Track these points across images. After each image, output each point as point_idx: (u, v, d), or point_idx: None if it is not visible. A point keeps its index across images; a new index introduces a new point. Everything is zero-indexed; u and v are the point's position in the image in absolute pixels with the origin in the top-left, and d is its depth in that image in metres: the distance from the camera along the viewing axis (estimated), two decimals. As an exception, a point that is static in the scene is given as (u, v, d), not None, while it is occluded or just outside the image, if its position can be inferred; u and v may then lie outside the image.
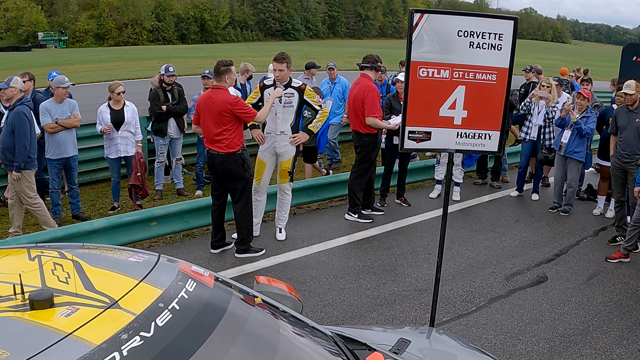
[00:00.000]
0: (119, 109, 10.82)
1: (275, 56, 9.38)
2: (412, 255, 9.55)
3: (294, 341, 3.56)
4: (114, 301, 2.75)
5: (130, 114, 10.93)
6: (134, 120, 11.01)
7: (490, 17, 5.80)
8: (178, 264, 3.37)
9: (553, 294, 8.37)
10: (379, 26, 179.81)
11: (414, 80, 5.75)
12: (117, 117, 10.80)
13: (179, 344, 2.74)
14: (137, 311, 2.74)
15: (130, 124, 10.91)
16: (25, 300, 2.63)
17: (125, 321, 2.65)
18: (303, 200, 11.51)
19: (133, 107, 11.15)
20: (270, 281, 4.27)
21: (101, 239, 8.58)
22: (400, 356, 4.03)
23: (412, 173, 12.99)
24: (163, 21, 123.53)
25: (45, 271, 2.97)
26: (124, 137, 10.87)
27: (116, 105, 10.84)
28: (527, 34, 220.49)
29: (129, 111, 10.93)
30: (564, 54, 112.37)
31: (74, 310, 2.64)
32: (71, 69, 42.76)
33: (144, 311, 2.75)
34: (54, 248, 3.38)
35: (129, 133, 10.92)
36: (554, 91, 12.41)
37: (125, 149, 10.91)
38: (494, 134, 6.04)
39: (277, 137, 9.46)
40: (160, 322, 2.74)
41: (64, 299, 2.70)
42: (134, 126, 11.01)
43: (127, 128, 10.88)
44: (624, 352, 6.90)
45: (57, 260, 3.11)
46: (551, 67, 46.59)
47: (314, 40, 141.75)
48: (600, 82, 19.16)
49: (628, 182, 10.14)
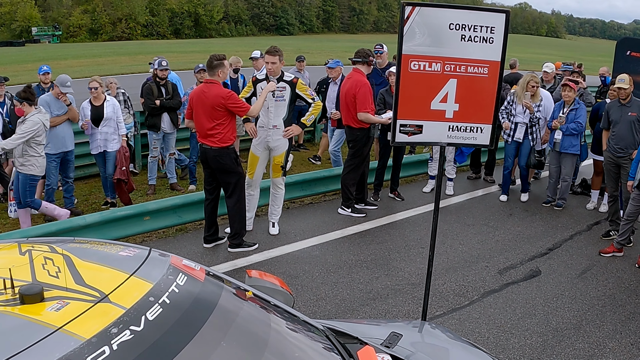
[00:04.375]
0: (98, 105, 10.72)
1: (267, 49, 9.38)
2: (405, 249, 9.55)
3: (285, 335, 3.56)
4: (104, 295, 2.75)
5: (110, 109, 10.81)
6: (115, 116, 10.89)
7: (482, 10, 5.81)
8: (169, 258, 3.37)
9: (546, 288, 8.38)
10: (373, 21, 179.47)
11: (406, 73, 5.74)
12: (96, 113, 10.71)
13: (170, 338, 2.74)
14: (128, 305, 2.73)
15: (110, 120, 10.78)
16: (15, 295, 2.63)
17: (115, 315, 2.64)
18: (296, 195, 11.50)
19: (114, 102, 11.07)
20: (262, 275, 4.26)
21: (94, 233, 8.57)
22: (392, 350, 4.03)
23: (406, 167, 12.98)
24: (157, 16, 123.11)
25: (36, 265, 2.96)
26: (104, 133, 10.77)
27: (96, 101, 10.74)
28: (521, 28, 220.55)
29: (109, 107, 10.81)
30: (559, 49, 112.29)
31: (64, 304, 2.63)
32: (65, 64, 42.66)
33: (134, 305, 2.75)
34: (45, 242, 3.37)
35: (109, 129, 10.81)
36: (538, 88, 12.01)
37: (105, 144, 10.81)
38: (486, 127, 6.04)
39: (270, 131, 9.46)
40: (151, 316, 2.74)
41: (54, 293, 2.70)
42: (116, 121, 10.90)
43: (108, 124, 10.77)
44: (617, 346, 6.91)
45: (48, 255, 3.10)
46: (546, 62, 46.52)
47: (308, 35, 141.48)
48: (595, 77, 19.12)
49: (621, 177, 10.14)
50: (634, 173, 9.23)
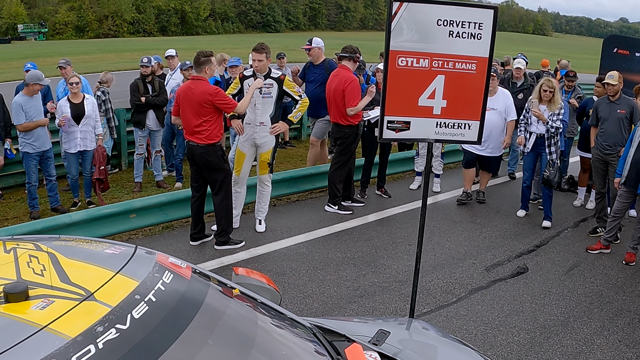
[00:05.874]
0: (78, 103, 10.63)
1: (254, 46, 9.36)
2: (392, 246, 9.55)
3: (271, 333, 3.55)
4: (89, 293, 2.73)
5: (90, 107, 10.75)
6: (94, 114, 10.85)
7: (470, 6, 5.81)
8: (155, 256, 3.35)
9: (534, 285, 8.39)
10: (360, 18, 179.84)
11: (393, 69, 5.73)
12: (77, 110, 10.60)
13: (156, 336, 2.73)
14: (113, 303, 2.72)
15: (90, 118, 10.72)
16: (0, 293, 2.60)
17: (100, 313, 2.64)
18: (283, 192, 11.50)
19: (93, 100, 11.04)
20: (249, 273, 4.25)
21: (80, 231, 8.52)
22: (380, 347, 4.02)
23: (393, 164, 12.97)
24: (143, 13, 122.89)
25: (21, 264, 2.94)
26: (84, 131, 10.68)
27: (75, 99, 10.64)
28: (508, 26, 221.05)
29: (88, 104, 10.74)
30: (545, 47, 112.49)
31: (49, 302, 2.62)
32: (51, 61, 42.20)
33: (120, 303, 2.74)
34: (30, 240, 3.35)
35: (89, 127, 10.75)
36: (557, 91, 10.67)
37: (84, 143, 10.72)
38: (474, 124, 6.04)
39: (257, 128, 9.44)
40: (137, 314, 2.73)
41: (39, 292, 2.69)
42: (94, 119, 10.85)
43: (88, 122, 10.69)
44: (604, 342, 6.93)
45: (33, 253, 3.09)
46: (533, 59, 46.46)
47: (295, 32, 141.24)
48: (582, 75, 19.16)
49: (609, 174, 10.17)
50: (621, 170, 9.25)
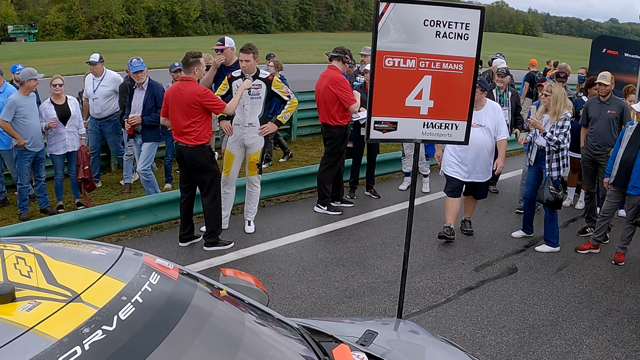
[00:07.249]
0: (62, 104, 10.65)
1: (241, 47, 9.37)
2: (381, 247, 9.56)
3: (259, 334, 3.55)
4: (76, 295, 2.73)
5: (74, 107, 10.79)
6: (78, 114, 10.91)
7: (457, 7, 5.82)
8: (142, 257, 3.35)
9: (523, 285, 8.42)
10: (350, 19, 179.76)
11: (380, 70, 5.75)
12: (62, 111, 10.62)
13: (142, 337, 2.73)
14: (100, 305, 2.72)
15: (75, 118, 10.76)
16: (-13, 295, 2.60)
17: (87, 315, 2.64)
18: (272, 193, 11.49)
19: (75, 101, 11.09)
20: (237, 274, 4.26)
21: (69, 233, 8.50)
22: (368, 348, 4.03)
23: (382, 165, 13.02)
24: (134, 14, 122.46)
25: (7, 265, 2.94)
26: (71, 132, 10.71)
27: (58, 100, 10.65)
28: (498, 27, 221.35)
29: (72, 105, 10.78)
30: (535, 47, 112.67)
31: (35, 304, 2.62)
32: (41, 62, 42.33)
33: (106, 305, 2.74)
34: (17, 242, 3.34)
35: (74, 127, 10.78)
36: (560, 100, 9.39)
37: (72, 143, 10.75)
38: (461, 124, 6.06)
39: (246, 128, 9.44)
40: (123, 315, 2.73)
41: (25, 293, 2.68)
42: (79, 120, 10.90)
43: (73, 122, 10.73)
44: (593, 342, 6.95)
45: (20, 254, 3.08)
46: (522, 59, 46.86)
47: (285, 33, 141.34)
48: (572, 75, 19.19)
49: (598, 174, 10.22)
50: (610, 170, 9.28)
